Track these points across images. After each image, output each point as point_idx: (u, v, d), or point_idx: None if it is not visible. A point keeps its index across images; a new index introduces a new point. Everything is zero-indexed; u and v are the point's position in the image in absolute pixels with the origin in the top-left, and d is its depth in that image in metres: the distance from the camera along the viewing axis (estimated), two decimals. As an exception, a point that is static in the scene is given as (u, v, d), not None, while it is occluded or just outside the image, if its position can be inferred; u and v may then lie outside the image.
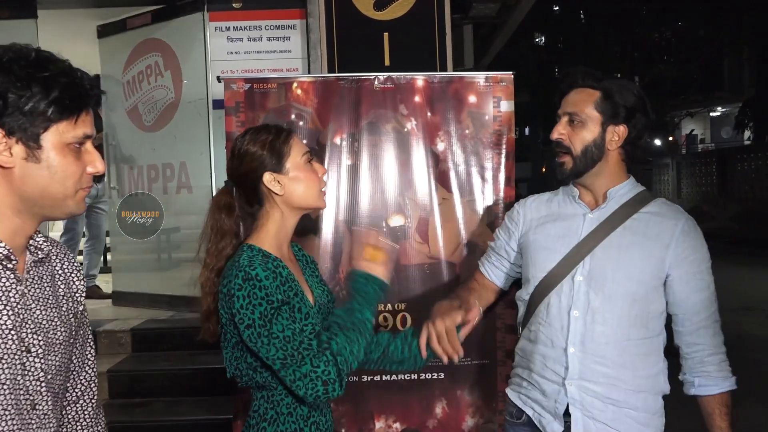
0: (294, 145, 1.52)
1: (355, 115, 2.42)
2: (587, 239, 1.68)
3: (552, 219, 1.76)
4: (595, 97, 1.67)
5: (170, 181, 4.67)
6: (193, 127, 4.51)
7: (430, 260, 2.44)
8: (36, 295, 1.15)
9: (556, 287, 1.69)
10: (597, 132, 1.66)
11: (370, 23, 3.83)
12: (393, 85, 2.44)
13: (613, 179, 1.70)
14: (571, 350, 1.65)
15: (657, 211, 1.69)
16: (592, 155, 1.66)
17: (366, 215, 2.43)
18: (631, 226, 1.67)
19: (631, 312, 1.64)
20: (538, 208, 1.82)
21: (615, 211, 1.68)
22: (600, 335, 1.64)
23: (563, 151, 1.69)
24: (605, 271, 1.65)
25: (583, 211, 1.72)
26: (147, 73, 4.79)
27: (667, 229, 1.66)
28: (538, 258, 1.74)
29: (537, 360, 1.71)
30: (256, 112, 2.40)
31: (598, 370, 1.64)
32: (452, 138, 2.45)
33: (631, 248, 1.65)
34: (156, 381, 3.54)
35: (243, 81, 2.41)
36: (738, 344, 6.10)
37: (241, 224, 1.57)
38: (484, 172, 2.46)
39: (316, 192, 1.53)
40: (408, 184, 2.45)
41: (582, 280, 1.66)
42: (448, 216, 2.44)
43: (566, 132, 1.68)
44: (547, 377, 1.69)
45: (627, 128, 1.67)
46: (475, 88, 2.46)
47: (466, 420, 2.41)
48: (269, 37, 4.39)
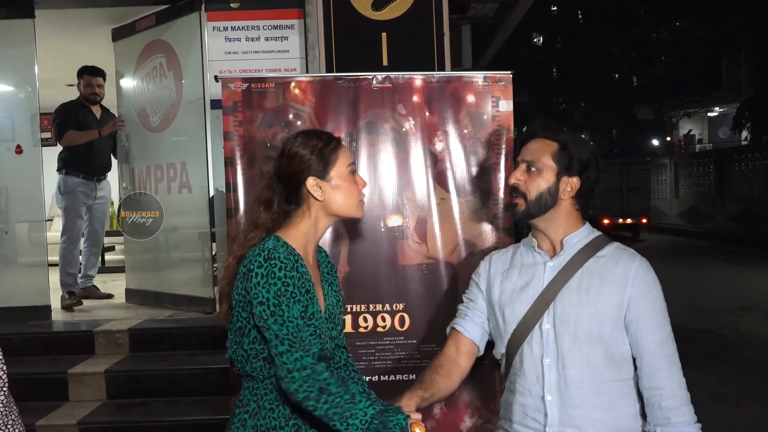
0: (341, 154, 1.59)
1: (353, 114, 2.42)
2: (549, 286, 1.73)
3: (516, 269, 1.82)
4: (553, 148, 1.76)
5: (173, 181, 4.69)
6: (192, 127, 4.52)
7: (429, 260, 2.44)
8: None
9: (527, 338, 1.73)
10: (552, 181, 1.74)
11: (368, 23, 3.82)
12: (391, 84, 2.43)
13: (568, 227, 1.78)
14: (548, 398, 1.68)
15: (612, 255, 1.75)
16: (546, 202, 1.74)
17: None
18: (588, 270, 1.73)
19: (598, 354, 1.68)
20: (503, 262, 1.88)
21: (573, 257, 1.75)
22: (573, 380, 1.67)
23: (518, 195, 1.77)
24: (568, 316, 1.70)
25: (542, 260, 1.78)
26: (153, 74, 4.84)
27: (622, 272, 1.71)
28: (506, 312, 1.78)
29: (517, 410, 1.74)
30: (253, 112, 2.39)
31: (576, 414, 1.67)
32: (450, 138, 2.45)
33: (590, 291, 1.70)
34: (154, 381, 3.53)
35: (241, 81, 2.41)
36: (736, 344, 6.11)
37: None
38: (483, 172, 2.46)
39: (354, 202, 1.60)
40: (406, 184, 2.44)
41: (549, 328, 1.71)
42: (446, 216, 2.44)
43: (523, 178, 1.77)
44: (528, 426, 1.72)
45: (580, 180, 1.75)
46: (473, 87, 2.46)
47: (465, 420, 2.40)
48: (267, 37, 4.38)
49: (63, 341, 3.67)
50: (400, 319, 2.42)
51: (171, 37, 4.67)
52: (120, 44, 5.14)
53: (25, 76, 4.50)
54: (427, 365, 2.39)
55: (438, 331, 2.40)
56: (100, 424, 3.29)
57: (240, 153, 2.37)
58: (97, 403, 3.47)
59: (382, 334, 2.41)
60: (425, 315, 2.41)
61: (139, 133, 4.98)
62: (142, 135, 4.95)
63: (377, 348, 2.40)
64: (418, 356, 2.41)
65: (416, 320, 2.40)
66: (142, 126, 4.93)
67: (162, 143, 4.77)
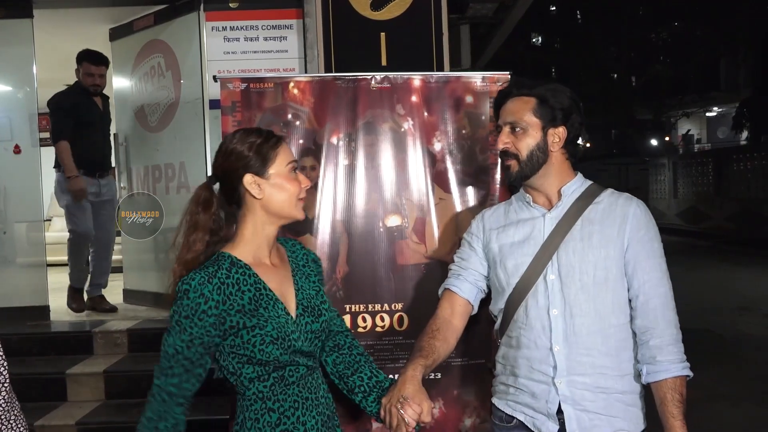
0: (281, 152, 1.54)
1: (351, 114, 2.42)
2: (550, 238, 1.74)
3: (512, 225, 1.81)
4: (532, 103, 1.75)
5: (171, 181, 4.69)
6: (190, 127, 4.52)
7: (427, 260, 2.44)
8: None
9: (531, 290, 1.73)
10: (539, 136, 1.75)
11: (367, 23, 3.83)
12: (390, 84, 2.43)
13: (562, 178, 1.79)
14: (556, 348, 1.68)
15: (609, 200, 1.77)
16: (538, 159, 1.75)
17: (362, 215, 2.43)
18: (588, 217, 1.74)
19: (606, 299, 1.69)
20: (496, 219, 1.87)
21: (571, 207, 1.76)
22: (581, 327, 1.68)
23: (509, 157, 1.77)
24: (573, 265, 1.70)
25: (540, 213, 1.79)
26: (151, 74, 4.84)
27: (620, 214, 1.74)
28: (507, 264, 1.78)
29: (522, 364, 1.74)
30: (252, 112, 2.39)
31: (585, 361, 1.67)
32: (449, 138, 2.45)
33: (592, 238, 1.71)
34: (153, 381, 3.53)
35: (239, 80, 2.41)
36: (735, 344, 6.12)
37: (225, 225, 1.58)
38: (481, 172, 2.46)
39: (293, 201, 1.54)
40: (405, 184, 2.44)
41: (554, 278, 1.71)
42: (445, 216, 2.44)
43: (510, 140, 1.76)
44: (534, 379, 1.71)
45: (566, 129, 1.76)
46: (471, 88, 2.46)
47: (463, 420, 2.40)
48: (266, 37, 4.39)
49: (61, 341, 3.67)
50: (398, 318, 2.43)
51: (169, 36, 4.68)
52: (118, 44, 5.14)
53: (23, 75, 4.50)
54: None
55: (437, 331, 2.41)
56: (98, 425, 3.29)
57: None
58: (95, 404, 3.47)
59: (380, 334, 2.41)
60: (424, 315, 2.40)
61: (137, 133, 4.98)
62: (140, 135, 4.95)
63: (376, 348, 2.40)
64: (416, 356, 2.41)
65: (415, 320, 2.40)
66: (140, 126, 4.93)
67: (160, 143, 4.77)
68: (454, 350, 2.38)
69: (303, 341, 1.52)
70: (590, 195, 1.77)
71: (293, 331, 1.50)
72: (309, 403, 1.54)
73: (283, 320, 1.50)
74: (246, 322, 1.46)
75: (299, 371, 1.52)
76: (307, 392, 1.54)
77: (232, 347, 1.47)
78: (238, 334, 1.46)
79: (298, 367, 1.52)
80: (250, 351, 1.46)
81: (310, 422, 1.53)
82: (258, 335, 1.45)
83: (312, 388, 1.56)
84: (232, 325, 1.45)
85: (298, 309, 1.55)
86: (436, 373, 2.40)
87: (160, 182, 4.76)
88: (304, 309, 1.57)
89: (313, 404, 1.55)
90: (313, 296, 1.61)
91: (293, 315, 1.54)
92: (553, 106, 1.74)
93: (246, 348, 1.46)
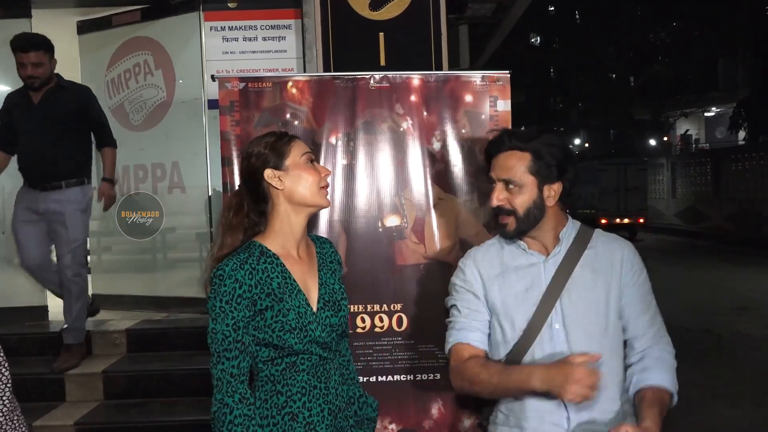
0: (295, 146, 1.66)
1: (350, 114, 2.42)
2: (552, 285, 1.72)
3: (511, 272, 1.78)
4: (527, 160, 1.71)
5: (161, 181, 4.64)
6: (186, 127, 4.49)
7: (426, 260, 2.44)
8: None
9: (536, 339, 1.71)
10: (535, 193, 1.72)
11: (366, 23, 3.82)
12: (389, 84, 2.43)
13: (558, 225, 1.78)
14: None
15: (603, 245, 1.78)
16: (534, 215, 1.73)
17: (362, 215, 2.42)
18: (586, 264, 1.74)
19: (607, 345, 1.70)
20: (490, 264, 1.82)
21: (568, 252, 1.75)
22: None
23: (506, 214, 1.74)
24: (578, 313, 1.70)
25: (539, 259, 1.77)
26: (135, 71, 4.72)
27: (616, 260, 1.75)
28: (515, 317, 1.74)
29: (531, 416, 1.69)
30: (250, 112, 2.39)
31: (595, 408, 1.66)
32: (448, 137, 2.45)
33: (594, 286, 1.72)
34: (151, 382, 3.52)
35: (238, 80, 2.41)
36: (733, 344, 6.12)
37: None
38: (480, 171, 2.45)
39: (315, 189, 1.64)
40: (404, 183, 2.44)
41: (559, 327, 1.70)
42: (444, 216, 2.44)
43: (505, 197, 1.74)
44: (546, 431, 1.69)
45: (561, 184, 1.74)
46: (471, 87, 2.45)
47: (462, 420, 2.40)
48: (265, 36, 4.39)
49: (60, 342, 3.65)
50: (397, 319, 2.42)
51: (160, 34, 4.59)
52: (87, 38, 4.89)
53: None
54: (423, 366, 2.40)
55: (436, 332, 2.40)
56: (97, 425, 3.28)
57: (237, 153, 2.37)
58: (94, 404, 3.46)
59: (379, 335, 2.41)
60: (423, 315, 2.41)
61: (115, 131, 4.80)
62: (119, 134, 4.74)
63: (375, 348, 2.40)
64: (415, 357, 2.41)
65: (414, 321, 2.40)
66: (119, 125, 4.72)
67: (146, 143, 4.66)
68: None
69: (321, 332, 1.60)
70: (584, 239, 1.77)
71: (311, 322, 1.59)
72: (317, 392, 1.60)
73: (303, 310, 1.59)
74: (274, 305, 1.56)
75: (311, 360, 1.60)
76: (317, 381, 1.60)
77: (255, 329, 1.56)
78: (263, 315, 1.55)
79: (311, 356, 1.59)
80: (269, 336, 1.55)
81: (315, 409, 1.59)
82: (279, 321, 1.55)
83: (322, 377, 1.62)
84: (261, 308, 1.55)
85: (319, 302, 1.64)
86: (435, 374, 2.40)
87: (145, 182, 4.67)
88: (325, 303, 1.65)
89: (321, 393, 1.61)
90: (335, 291, 1.70)
91: (314, 307, 1.63)
92: (549, 162, 1.71)
93: (265, 332, 1.55)
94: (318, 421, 1.59)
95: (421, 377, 2.41)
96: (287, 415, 1.57)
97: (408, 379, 2.42)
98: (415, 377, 2.41)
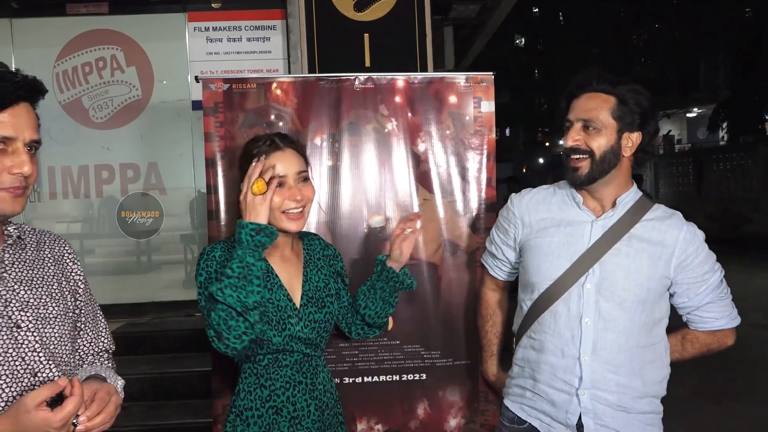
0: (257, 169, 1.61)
1: (335, 115, 2.42)
2: (595, 246, 1.65)
3: (555, 224, 1.72)
4: (611, 103, 1.64)
5: (133, 182, 4.54)
6: (167, 128, 4.44)
7: (412, 261, 2.43)
8: (18, 277, 1.28)
9: (563, 295, 1.66)
10: (614, 139, 1.64)
11: (351, 24, 3.83)
12: (373, 85, 2.43)
13: (621, 187, 1.70)
14: (584, 359, 1.63)
15: (660, 219, 1.69)
16: (609, 161, 1.64)
17: (347, 216, 2.42)
18: (636, 234, 1.66)
19: (639, 319, 1.64)
20: (536, 210, 1.78)
21: (621, 218, 1.67)
22: (612, 343, 1.63)
23: (580, 155, 1.65)
24: (616, 279, 1.63)
25: (588, 218, 1.70)
26: (99, 66, 4.55)
27: (672, 238, 1.67)
28: (542, 264, 1.70)
29: (545, 370, 1.69)
30: (234, 113, 2.38)
31: (610, 378, 1.63)
32: (433, 138, 2.45)
33: (639, 256, 1.64)
34: (136, 385, 3.50)
35: (222, 81, 2.39)
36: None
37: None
38: (466, 172, 2.46)
39: (276, 214, 1.60)
40: (389, 184, 2.44)
41: (591, 288, 1.64)
42: (429, 217, 2.44)
43: (581, 138, 1.65)
44: (557, 387, 1.67)
45: (641, 135, 1.66)
46: (455, 88, 2.46)
47: (448, 420, 2.41)
48: (249, 37, 4.37)
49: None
50: (383, 319, 2.42)
51: (134, 30, 4.48)
52: (26, 22, 4.57)
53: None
54: (409, 366, 2.41)
55: (422, 333, 2.41)
56: (80, 429, 3.25)
57: (221, 154, 2.36)
58: (77, 408, 3.43)
59: (365, 335, 2.40)
60: (409, 316, 2.41)
61: (70, 127, 4.54)
62: (74, 130, 4.55)
63: (360, 349, 2.39)
64: (401, 357, 2.41)
65: (400, 321, 2.40)
66: (74, 121, 4.55)
67: (112, 142, 4.51)
68: (439, 351, 2.40)
69: (303, 328, 1.62)
70: (641, 209, 1.69)
71: (290, 317, 1.60)
72: (302, 387, 1.62)
73: (283, 305, 1.61)
74: None
75: (293, 356, 1.61)
76: (302, 376, 1.62)
77: None
78: None
79: (293, 353, 1.61)
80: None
81: (300, 403, 1.60)
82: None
83: (308, 373, 1.63)
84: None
85: (303, 298, 1.65)
86: (421, 374, 2.40)
87: (111, 183, 4.53)
88: (309, 299, 1.66)
89: (307, 389, 1.62)
90: (320, 288, 1.71)
91: (297, 303, 1.64)
92: (633, 109, 1.63)
93: None
94: (303, 416, 1.60)
95: (407, 378, 2.42)
96: (271, 409, 1.59)
97: (394, 380, 2.42)
98: (401, 378, 2.41)
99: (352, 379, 2.37)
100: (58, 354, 1.29)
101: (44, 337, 1.26)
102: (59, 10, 4.49)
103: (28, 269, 1.31)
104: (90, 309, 1.47)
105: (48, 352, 1.26)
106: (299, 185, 1.63)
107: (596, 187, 1.69)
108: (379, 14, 3.83)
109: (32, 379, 1.23)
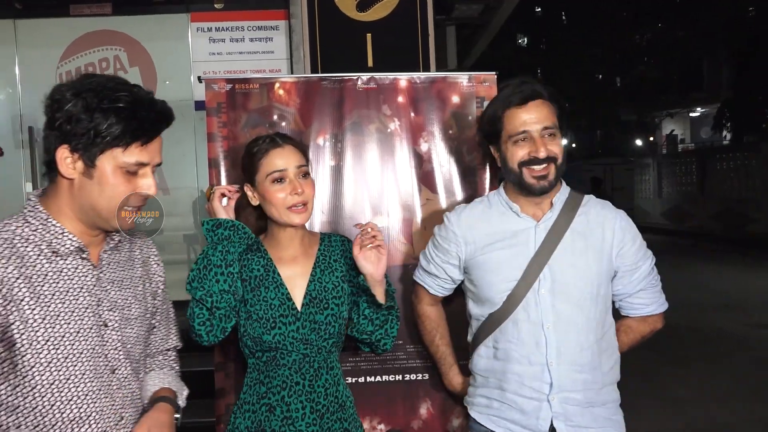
0: (265, 162, 1.66)
1: (337, 115, 2.42)
2: (541, 249, 1.69)
3: (499, 238, 1.75)
4: (555, 108, 1.73)
5: None
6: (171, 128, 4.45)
7: (414, 261, 2.44)
8: (111, 278, 1.36)
9: (520, 303, 1.68)
10: (562, 144, 1.74)
11: (353, 24, 3.83)
12: (376, 85, 2.43)
13: (557, 187, 1.76)
14: (552, 365, 1.65)
15: (594, 211, 1.75)
16: (563, 166, 1.73)
17: (349, 216, 2.42)
18: (577, 228, 1.71)
19: (595, 314, 1.68)
20: (477, 226, 1.80)
21: (558, 217, 1.72)
22: (575, 344, 1.66)
23: (546, 163, 1.68)
24: (566, 279, 1.67)
25: (530, 224, 1.73)
26: (102, 66, 4.57)
27: (608, 228, 1.73)
28: (494, 280, 1.73)
29: (512, 379, 1.70)
30: (237, 113, 2.38)
31: (576, 378, 1.66)
32: (436, 138, 2.45)
33: (584, 252, 1.69)
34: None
35: (224, 81, 2.40)
36: (718, 342, 6.18)
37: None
38: (468, 172, 2.46)
39: (281, 210, 1.65)
40: (392, 184, 2.44)
41: (545, 293, 1.67)
42: (432, 217, 2.44)
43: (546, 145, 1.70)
44: (525, 395, 1.68)
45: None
46: (458, 88, 2.46)
47: (451, 420, 2.41)
48: (252, 38, 4.38)
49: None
50: (386, 319, 2.42)
51: (137, 31, 4.49)
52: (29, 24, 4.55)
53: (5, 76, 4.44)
54: (412, 366, 2.41)
55: (424, 332, 2.41)
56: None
57: (224, 154, 2.36)
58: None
59: (368, 335, 2.40)
60: (411, 316, 2.41)
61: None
62: None
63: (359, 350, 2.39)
64: (403, 357, 2.42)
65: (403, 321, 2.40)
66: None
67: None
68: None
69: (301, 329, 1.62)
70: (574, 204, 1.74)
71: (285, 316, 1.61)
72: (299, 388, 1.61)
73: (277, 303, 1.62)
74: (246, 294, 1.65)
75: (291, 356, 1.61)
76: (300, 377, 1.61)
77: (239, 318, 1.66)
78: (245, 305, 1.65)
79: (291, 353, 1.61)
80: (244, 323, 1.64)
81: (295, 404, 1.60)
82: (251, 311, 1.62)
83: (306, 375, 1.62)
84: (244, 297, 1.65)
85: (305, 299, 1.65)
86: (424, 374, 2.40)
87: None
88: (312, 299, 1.66)
89: (304, 390, 1.61)
90: (328, 289, 1.69)
91: (298, 303, 1.65)
92: (562, 113, 1.73)
93: (246, 322, 1.63)
94: (298, 417, 1.59)
95: (409, 377, 2.42)
96: (264, 406, 1.60)
97: (397, 380, 2.42)
98: (404, 378, 2.41)
99: (354, 379, 2.37)
100: (132, 353, 1.38)
101: (125, 336, 1.35)
102: (62, 10, 4.48)
103: (120, 269, 1.40)
104: (165, 308, 1.58)
105: (126, 350, 1.35)
106: (300, 180, 1.66)
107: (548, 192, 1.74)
108: (382, 14, 3.83)
109: (110, 376, 1.32)
